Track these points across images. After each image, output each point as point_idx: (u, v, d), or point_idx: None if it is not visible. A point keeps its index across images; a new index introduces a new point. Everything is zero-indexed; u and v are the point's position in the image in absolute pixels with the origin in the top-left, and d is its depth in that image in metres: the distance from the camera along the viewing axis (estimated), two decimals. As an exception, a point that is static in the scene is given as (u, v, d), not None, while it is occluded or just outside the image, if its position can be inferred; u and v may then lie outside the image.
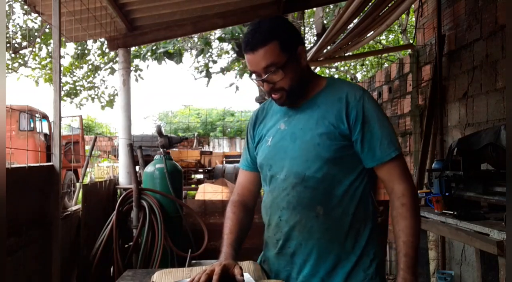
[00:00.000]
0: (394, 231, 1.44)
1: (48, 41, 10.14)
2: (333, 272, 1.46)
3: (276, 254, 1.54)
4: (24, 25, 10.61)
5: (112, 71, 10.64)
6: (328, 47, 5.21)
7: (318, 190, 1.46)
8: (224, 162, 14.12)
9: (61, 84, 2.80)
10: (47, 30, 9.83)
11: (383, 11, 4.28)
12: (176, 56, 7.95)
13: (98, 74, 11.13)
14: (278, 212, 1.51)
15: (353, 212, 1.48)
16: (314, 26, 10.33)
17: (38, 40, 10.31)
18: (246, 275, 1.38)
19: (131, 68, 7.36)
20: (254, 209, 1.70)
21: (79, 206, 3.32)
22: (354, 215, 1.48)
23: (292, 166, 1.49)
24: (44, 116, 10.78)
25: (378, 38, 11.54)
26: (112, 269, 3.35)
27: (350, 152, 1.48)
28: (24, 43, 10.54)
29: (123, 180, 3.97)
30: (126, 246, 3.34)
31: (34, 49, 10.61)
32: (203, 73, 8.94)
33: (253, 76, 1.49)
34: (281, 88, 1.47)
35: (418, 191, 3.23)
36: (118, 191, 3.87)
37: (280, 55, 1.42)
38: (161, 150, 3.58)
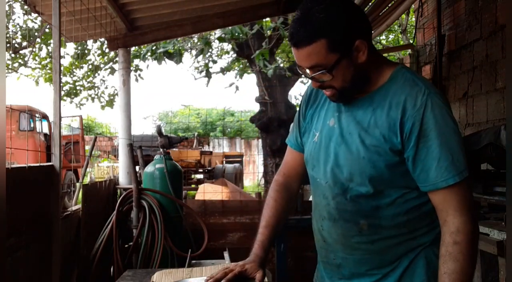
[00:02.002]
0: (438, 271, 1.19)
1: (48, 41, 10.12)
2: (385, 277, 1.32)
3: (322, 261, 1.44)
4: (24, 25, 10.61)
5: (112, 71, 10.63)
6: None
7: (362, 204, 1.28)
8: (224, 162, 14.14)
9: (61, 84, 2.80)
10: (47, 30, 9.81)
11: (383, 11, 4.29)
12: (176, 56, 7.94)
13: (98, 74, 11.11)
14: (320, 220, 1.38)
15: (406, 224, 1.28)
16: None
17: (38, 40, 10.30)
18: None
19: (131, 68, 7.36)
20: (298, 192, 1.56)
21: (79, 206, 3.32)
22: (406, 227, 1.29)
23: (335, 174, 1.31)
24: (44, 116, 10.79)
25: (378, 38, 11.54)
26: (112, 269, 3.35)
27: (403, 169, 1.25)
28: (24, 43, 10.53)
29: (123, 180, 3.97)
30: (126, 246, 3.34)
31: (34, 49, 10.60)
32: (203, 73, 8.92)
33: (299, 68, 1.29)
34: (331, 87, 1.26)
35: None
36: (118, 191, 3.87)
37: (328, 56, 1.19)
38: (161, 150, 3.58)
